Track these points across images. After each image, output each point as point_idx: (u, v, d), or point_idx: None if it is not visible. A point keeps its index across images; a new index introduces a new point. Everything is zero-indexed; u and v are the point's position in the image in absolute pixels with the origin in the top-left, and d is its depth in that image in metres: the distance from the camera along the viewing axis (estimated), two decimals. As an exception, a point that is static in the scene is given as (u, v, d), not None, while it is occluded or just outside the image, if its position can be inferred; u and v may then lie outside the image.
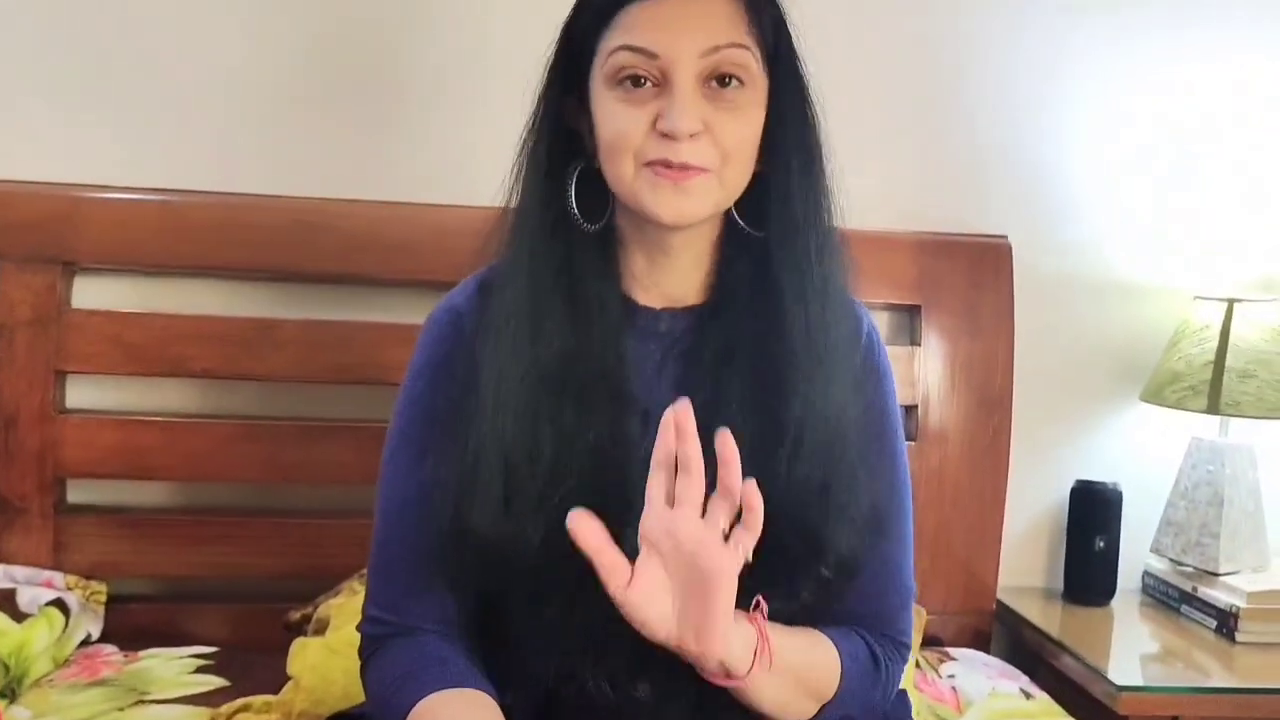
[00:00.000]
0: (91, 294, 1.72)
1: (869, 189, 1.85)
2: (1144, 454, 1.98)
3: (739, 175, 0.92)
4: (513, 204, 0.97)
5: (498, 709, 0.90)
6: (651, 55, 0.87)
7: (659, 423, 0.84)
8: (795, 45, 0.95)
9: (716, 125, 0.89)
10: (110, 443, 1.70)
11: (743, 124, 0.91)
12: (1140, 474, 1.95)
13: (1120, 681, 1.55)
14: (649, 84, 0.88)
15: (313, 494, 1.79)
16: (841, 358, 0.96)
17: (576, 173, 0.95)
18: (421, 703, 0.89)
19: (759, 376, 0.94)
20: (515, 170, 0.96)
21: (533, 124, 0.96)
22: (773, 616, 0.91)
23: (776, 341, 0.94)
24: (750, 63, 0.90)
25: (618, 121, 0.89)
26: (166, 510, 1.77)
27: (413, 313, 1.57)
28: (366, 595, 1.03)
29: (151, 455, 1.70)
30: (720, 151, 0.89)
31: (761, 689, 0.90)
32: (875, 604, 1.01)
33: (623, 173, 0.90)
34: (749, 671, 0.87)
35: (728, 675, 0.87)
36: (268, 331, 1.72)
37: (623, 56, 0.88)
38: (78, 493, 1.76)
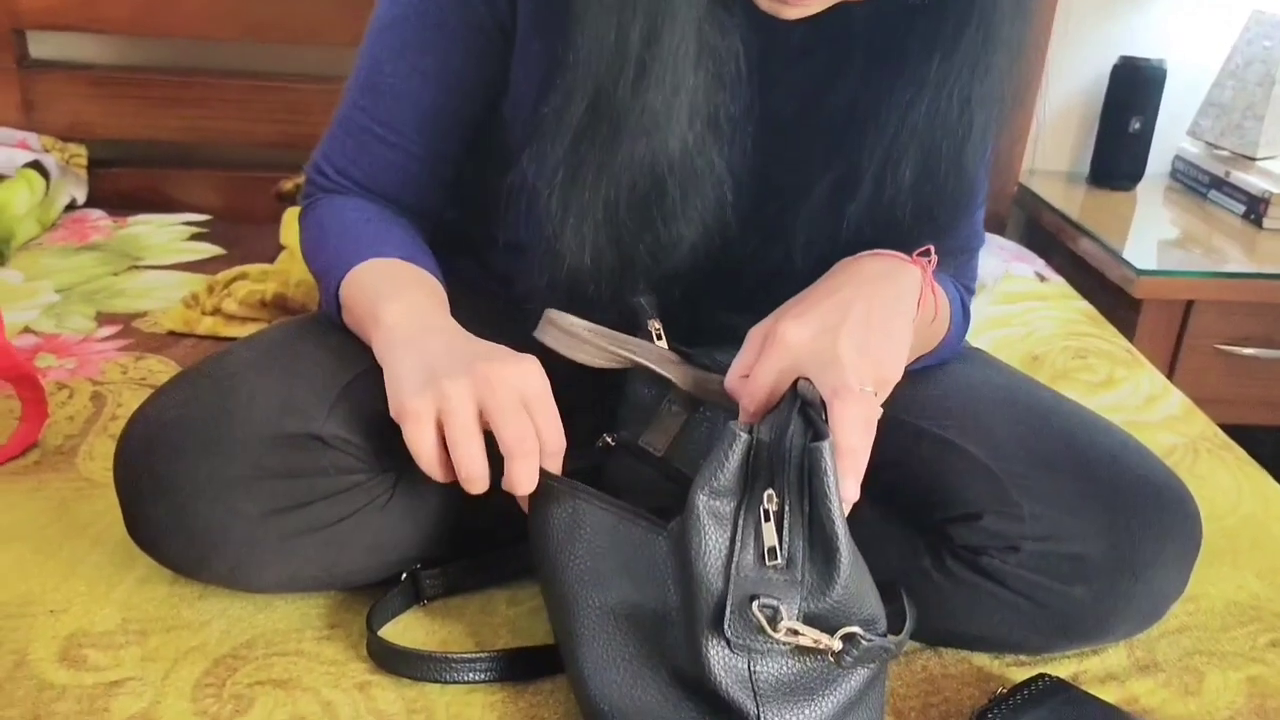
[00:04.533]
0: None
1: None
2: (1197, 30, 1.82)
3: None
4: None
5: (443, 296, 0.84)
6: None
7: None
8: None
9: None
10: (64, -10, 1.54)
11: None
12: (1189, 51, 1.82)
13: (1139, 265, 1.51)
14: None
15: (292, 55, 1.67)
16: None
17: None
18: (361, 266, 0.83)
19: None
20: None
21: None
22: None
23: None
24: None
25: None
26: (139, 69, 1.65)
27: None
28: (320, 148, 0.92)
29: (109, 5, 1.55)
30: None
31: None
32: (953, 257, 0.91)
33: None
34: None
35: None
36: None
37: None
38: (40, 47, 1.64)
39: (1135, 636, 0.84)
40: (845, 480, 0.65)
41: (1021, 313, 1.47)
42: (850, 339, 0.70)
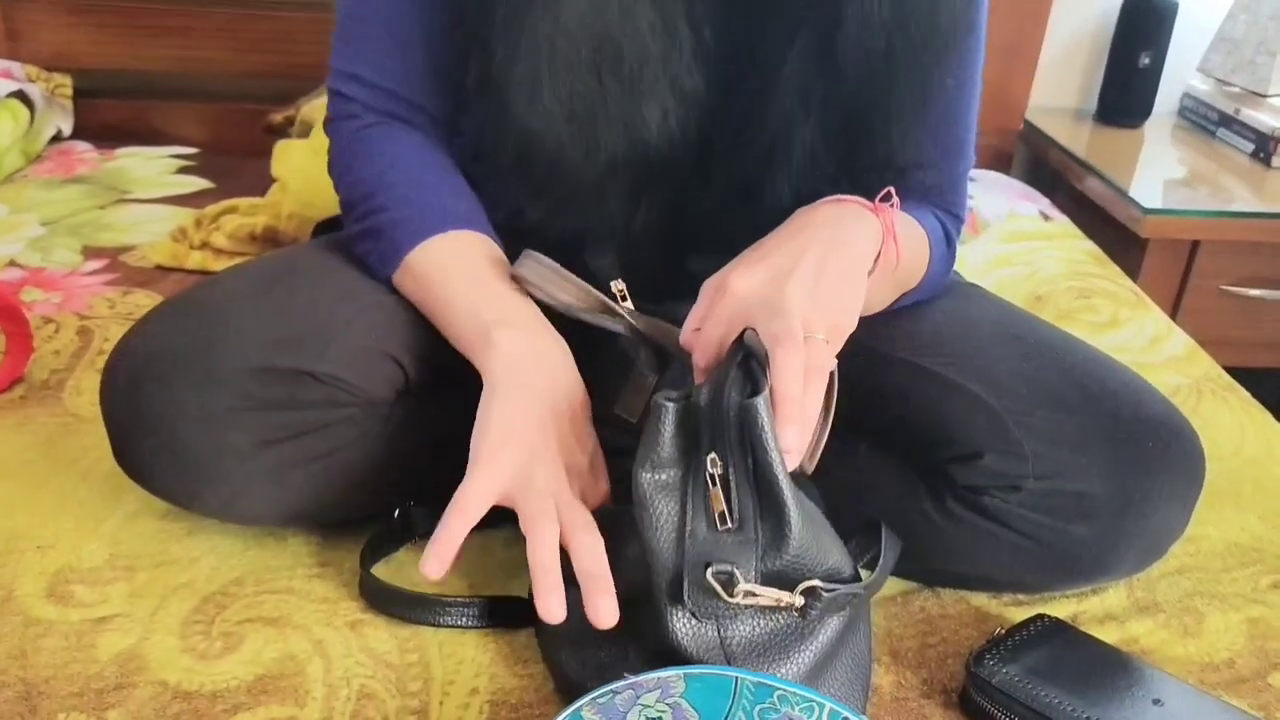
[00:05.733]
0: None
1: None
2: (1211, -38, 1.78)
3: None
4: None
5: (504, 260, 0.82)
6: None
7: None
8: None
9: None
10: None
11: None
12: (1202, -15, 1.77)
13: (1146, 204, 1.49)
14: None
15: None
16: None
17: None
18: (421, 248, 0.80)
19: None
20: None
21: None
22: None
23: None
24: None
25: None
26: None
27: None
28: (332, 59, 0.89)
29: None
30: None
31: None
32: (937, 178, 0.88)
33: None
34: (869, 273, 0.75)
35: None
36: None
37: None
38: (22, -26, 1.60)
39: (1136, 575, 0.83)
40: (785, 429, 0.63)
41: (1025, 252, 1.45)
42: (799, 285, 0.68)
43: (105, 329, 1.10)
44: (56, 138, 1.57)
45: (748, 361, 0.65)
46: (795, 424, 0.63)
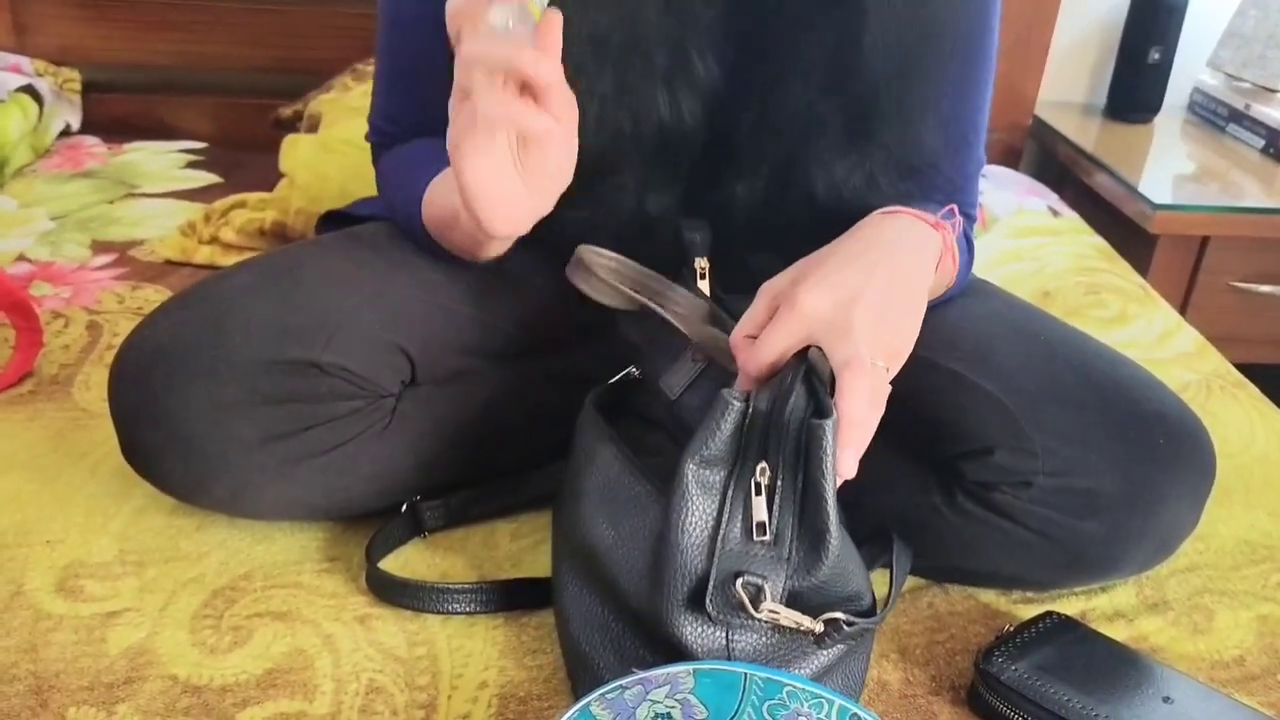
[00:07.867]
0: None
1: None
2: (1221, -44, 1.77)
3: None
4: None
5: None
6: None
7: None
8: None
9: None
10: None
11: None
12: (1213, -20, 1.76)
13: (1155, 199, 1.48)
14: None
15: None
16: None
17: None
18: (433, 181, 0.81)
19: None
20: None
21: None
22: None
23: None
24: None
25: None
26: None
27: None
28: (371, 108, 0.92)
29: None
30: None
31: None
32: (950, 179, 0.87)
33: None
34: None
35: None
36: None
37: None
38: (30, -32, 1.60)
39: (1146, 572, 0.83)
40: (845, 452, 0.62)
41: (1034, 248, 1.44)
42: (868, 310, 0.67)
43: (114, 324, 1.10)
44: (65, 132, 1.57)
45: (809, 378, 0.64)
46: (855, 449, 0.63)
